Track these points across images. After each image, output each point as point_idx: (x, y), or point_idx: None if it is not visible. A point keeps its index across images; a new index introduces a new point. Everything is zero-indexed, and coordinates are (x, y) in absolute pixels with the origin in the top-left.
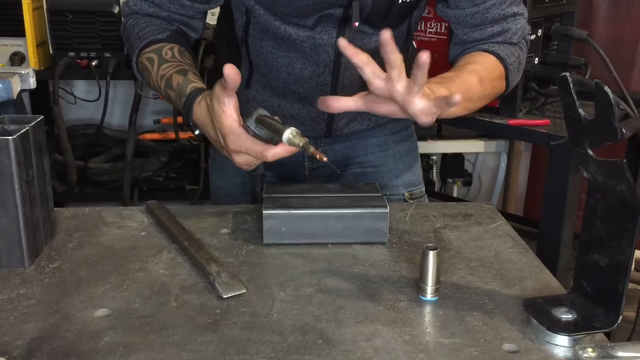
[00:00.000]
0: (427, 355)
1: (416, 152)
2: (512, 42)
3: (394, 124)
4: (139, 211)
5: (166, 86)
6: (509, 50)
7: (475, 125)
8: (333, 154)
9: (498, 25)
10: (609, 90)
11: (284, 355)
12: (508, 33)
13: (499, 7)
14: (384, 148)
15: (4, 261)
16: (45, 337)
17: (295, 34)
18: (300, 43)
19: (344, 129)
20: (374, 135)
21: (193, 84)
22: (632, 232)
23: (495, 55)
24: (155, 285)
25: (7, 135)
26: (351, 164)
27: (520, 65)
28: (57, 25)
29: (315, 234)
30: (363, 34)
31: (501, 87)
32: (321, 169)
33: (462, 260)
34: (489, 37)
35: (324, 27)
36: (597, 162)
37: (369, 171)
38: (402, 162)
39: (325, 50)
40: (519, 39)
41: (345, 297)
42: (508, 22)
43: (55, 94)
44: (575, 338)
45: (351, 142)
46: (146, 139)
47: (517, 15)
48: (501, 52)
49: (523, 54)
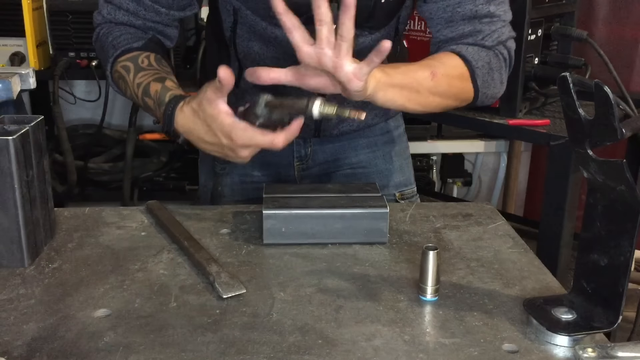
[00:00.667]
0: (427, 355)
1: (407, 152)
2: (485, 45)
3: (384, 124)
4: (139, 211)
5: (143, 94)
6: (479, 53)
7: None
8: (323, 155)
9: (469, 25)
10: (609, 90)
11: (284, 355)
12: (479, 34)
13: (471, 2)
14: (373, 149)
15: (4, 261)
16: (45, 337)
17: (282, 35)
18: (286, 44)
19: (333, 129)
20: (364, 136)
21: (171, 92)
22: (632, 232)
23: (460, 55)
24: (155, 285)
25: (7, 135)
26: (341, 164)
27: (492, 71)
28: (57, 25)
29: (315, 234)
30: None
31: (464, 88)
32: (311, 169)
33: (462, 260)
34: (459, 36)
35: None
36: (597, 162)
37: (359, 172)
38: (392, 163)
39: None
40: (494, 42)
41: (345, 297)
42: (482, 23)
43: (55, 94)
44: (575, 338)
45: (341, 143)
46: (146, 139)
47: (494, 17)
48: (467, 54)
49: (498, 60)
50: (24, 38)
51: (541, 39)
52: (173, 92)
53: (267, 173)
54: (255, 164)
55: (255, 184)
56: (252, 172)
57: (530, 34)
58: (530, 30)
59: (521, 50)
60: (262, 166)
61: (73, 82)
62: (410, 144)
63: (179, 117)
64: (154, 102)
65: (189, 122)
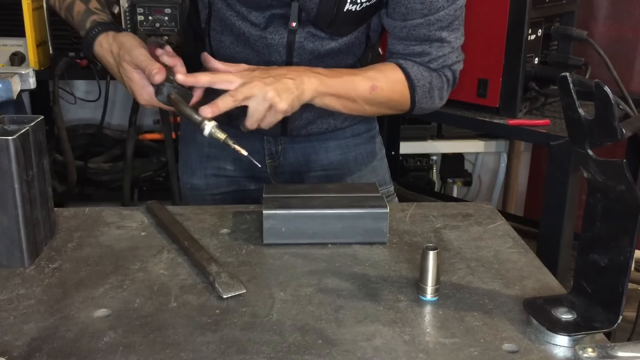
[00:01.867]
0: (427, 355)
1: (380, 152)
2: (430, 67)
3: (355, 127)
4: (139, 211)
5: (67, 10)
6: (422, 73)
7: (475, 125)
8: (294, 154)
9: (420, 46)
10: (609, 90)
11: (284, 355)
12: (427, 56)
13: (425, 27)
14: (344, 150)
15: (4, 261)
16: (45, 337)
17: (249, 33)
18: (253, 42)
19: (302, 130)
20: (334, 138)
21: (92, 17)
22: (632, 232)
23: (405, 72)
24: (155, 285)
25: (7, 135)
26: (313, 165)
27: (432, 89)
28: (57, 25)
29: (315, 234)
30: (315, 37)
31: (401, 101)
32: (283, 167)
33: (462, 260)
34: (409, 54)
35: (275, 28)
36: (597, 162)
37: (331, 174)
38: (364, 164)
39: (277, 50)
40: (438, 66)
41: (345, 297)
42: (431, 47)
43: (55, 94)
44: (575, 338)
45: (312, 144)
46: (146, 139)
47: (444, 43)
48: (412, 72)
49: (440, 82)
50: (24, 38)
51: (541, 39)
52: (94, 17)
53: (240, 167)
54: (228, 158)
55: (229, 177)
56: (225, 166)
57: (530, 34)
58: (530, 30)
59: (521, 50)
60: (234, 161)
61: (73, 82)
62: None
63: (96, 49)
64: (75, 22)
65: (105, 60)
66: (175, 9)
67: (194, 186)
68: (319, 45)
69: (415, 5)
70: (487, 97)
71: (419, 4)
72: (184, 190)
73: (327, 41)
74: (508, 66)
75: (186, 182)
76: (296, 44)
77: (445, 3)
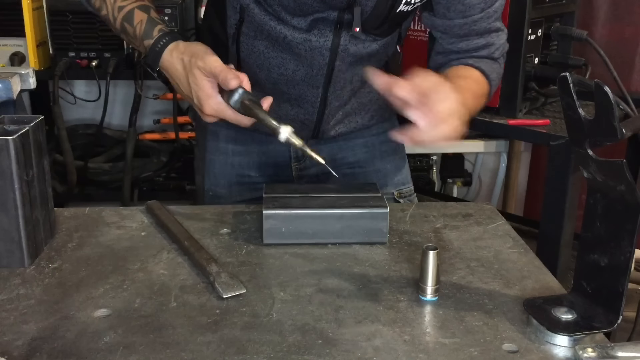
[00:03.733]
0: (427, 355)
1: (403, 152)
2: (494, 57)
3: (380, 125)
4: (139, 211)
5: (124, 20)
6: (492, 66)
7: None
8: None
9: (483, 39)
10: (609, 90)
11: (284, 355)
12: (492, 47)
13: (486, 20)
14: (370, 149)
15: (4, 261)
16: (45, 337)
17: (291, 36)
18: (295, 45)
19: (331, 131)
20: (361, 136)
21: (159, 26)
22: (632, 232)
23: (482, 71)
24: (155, 285)
25: (7, 135)
26: (339, 164)
27: (498, 81)
28: (57, 25)
29: (315, 234)
30: (357, 39)
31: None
32: (308, 169)
33: (462, 260)
34: (474, 49)
35: (320, 30)
36: (597, 162)
37: (357, 172)
38: (389, 162)
39: (321, 53)
40: (500, 54)
41: (345, 297)
42: (492, 37)
43: (55, 94)
44: (575, 338)
45: (338, 143)
46: (146, 139)
47: (500, 31)
48: (486, 69)
49: (502, 70)
50: (24, 38)
51: (541, 39)
52: (161, 27)
53: (264, 173)
54: (253, 164)
55: (254, 184)
56: (249, 173)
57: (530, 34)
58: (530, 30)
59: (521, 50)
60: (259, 167)
61: (73, 82)
62: None
63: (165, 58)
64: (136, 31)
65: (173, 68)
66: (175, 9)
67: (217, 194)
68: (361, 48)
69: (472, 1)
70: None
71: None
72: (205, 197)
73: (368, 43)
74: (508, 66)
75: (208, 190)
76: (340, 47)
77: None
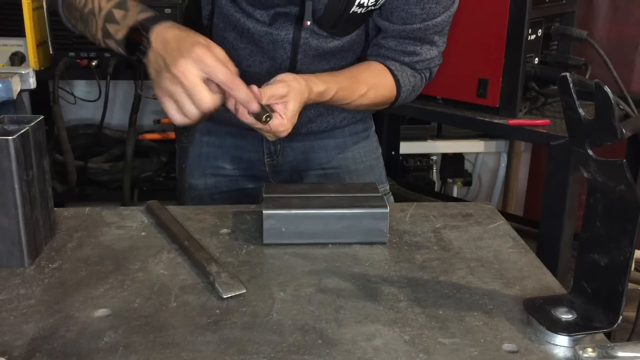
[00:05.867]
0: (427, 355)
1: (377, 151)
2: (415, 67)
3: (353, 126)
4: (139, 211)
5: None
6: (409, 78)
7: (475, 125)
8: (292, 153)
9: (412, 46)
10: (609, 90)
11: (284, 355)
12: (416, 57)
13: (423, 31)
14: (343, 149)
15: (4, 261)
16: (45, 337)
17: (254, 28)
18: (258, 38)
19: (301, 128)
20: (333, 137)
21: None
22: (632, 232)
23: (397, 81)
24: (155, 285)
25: (7, 135)
26: (312, 164)
27: (414, 91)
28: (57, 25)
29: (315, 234)
30: (318, 36)
31: (385, 102)
32: (282, 166)
33: (462, 260)
34: (401, 51)
35: (281, 24)
36: (597, 162)
37: (330, 173)
38: (361, 163)
39: (282, 46)
40: (423, 67)
41: (345, 297)
42: (423, 48)
43: (55, 94)
44: (575, 338)
45: (311, 143)
46: (146, 139)
47: (433, 46)
48: (402, 80)
49: (420, 82)
50: (24, 38)
51: (541, 39)
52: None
53: (238, 167)
54: (227, 157)
55: (228, 177)
56: (224, 166)
57: (530, 34)
58: (530, 30)
59: (521, 50)
60: (233, 160)
61: (73, 82)
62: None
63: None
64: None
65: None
66: (175, 9)
67: (192, 186)
68: (323, 43)
69: (415, 10)
70: (487, 97)
71: (419, 10)
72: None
73: (329, 39)
74: (508, 66)
75: (186, 182)
76: (302, 40)
77: (442, 9)
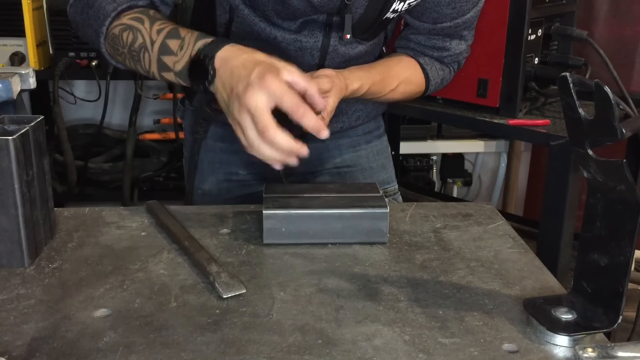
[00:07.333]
0: (427, 355)
1: (388, 150)
2: (444, 61)
3: (366, 125)
4: (139, 211)
5: (168, 36)
6: (438, 72)
7: (475, 125)
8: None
9: (442, 41)
10: (609, 90)
11: (284, 355)
12: (445, 51)
13: (453, 29)
14: (356, 148)
15: (4, 261)
16: (45, 337)
17: (281, 37)
18: (285, 46)
19: None
20: (347, 136)
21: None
22: (632, 232)
23: (426, 75)
24: (155, 285)
25: (7, 135)
26: (326, 164)
27: (442, 84)
28: (57, 25)
29: (315, 234)
30: (345, 41)
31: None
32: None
33: (462, 260)
34: (430, 46)
35: (310, 31)
36: (597, 162)
37: (344, 171)
38: (374, 161)
39: (311, 53)
40: (452, 60)
41: (345, 297)
42: (452, 42)
43: (55, 94)
44: (575, 338)
45: (324, 143)
46: (146, 139)
47: (462, 40)
48: (431, 74)
49: (449, 73)
50: (24, 38)
51: (541, 39)
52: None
53: (252, 171)
54: (240, 162)
55: (241, 182)
56: (237, 171)
57: (530, 34)
58: (530, 30)
59: (521, 50)
60: (246, 165)
61: (73, 82)
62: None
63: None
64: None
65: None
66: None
67: (205, 192)
68: (349, 49)
69: (446, 10)
70: (487, 97)
71: (449, 10)
72: (195, 195)
73: (355, 44)
74: (508, 66)
75: (197, 188)
76: (330, 47)
77: (471, 5)
